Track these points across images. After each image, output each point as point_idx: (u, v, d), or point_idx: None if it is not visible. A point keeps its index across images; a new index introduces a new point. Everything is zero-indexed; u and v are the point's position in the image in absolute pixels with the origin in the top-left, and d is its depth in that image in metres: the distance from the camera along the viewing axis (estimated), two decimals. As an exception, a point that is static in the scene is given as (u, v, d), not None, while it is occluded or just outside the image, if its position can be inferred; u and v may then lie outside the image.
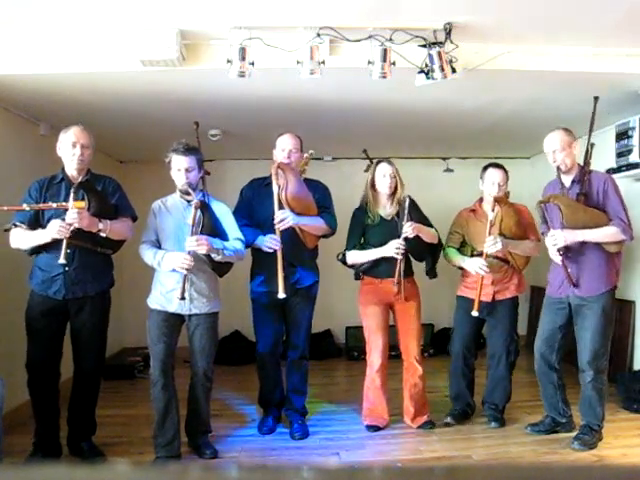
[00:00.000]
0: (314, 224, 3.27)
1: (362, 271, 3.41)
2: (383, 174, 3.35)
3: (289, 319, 3.37)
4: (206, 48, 2.95)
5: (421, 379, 3.39)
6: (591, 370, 3.01)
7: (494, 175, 3.40)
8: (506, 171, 3.45)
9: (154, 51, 2.78)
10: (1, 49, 2.94)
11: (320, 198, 3.35)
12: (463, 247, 3.52)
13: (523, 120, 4.27)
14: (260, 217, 3.27)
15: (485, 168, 3.47)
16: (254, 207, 3.32)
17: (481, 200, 3.53)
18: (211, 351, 3.04)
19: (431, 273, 3.44)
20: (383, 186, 3.36)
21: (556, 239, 2.98)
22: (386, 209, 3.41)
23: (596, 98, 3.35)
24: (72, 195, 2.71)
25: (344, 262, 3.45)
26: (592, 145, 3.20)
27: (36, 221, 2.82)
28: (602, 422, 3.06)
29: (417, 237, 3.25)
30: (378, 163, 3.42)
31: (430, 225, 3.41)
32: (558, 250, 2.99)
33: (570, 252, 3.03)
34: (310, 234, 3.29)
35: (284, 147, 3.27)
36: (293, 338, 3.39)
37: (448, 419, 3.48)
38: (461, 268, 3.49)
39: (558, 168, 3.08)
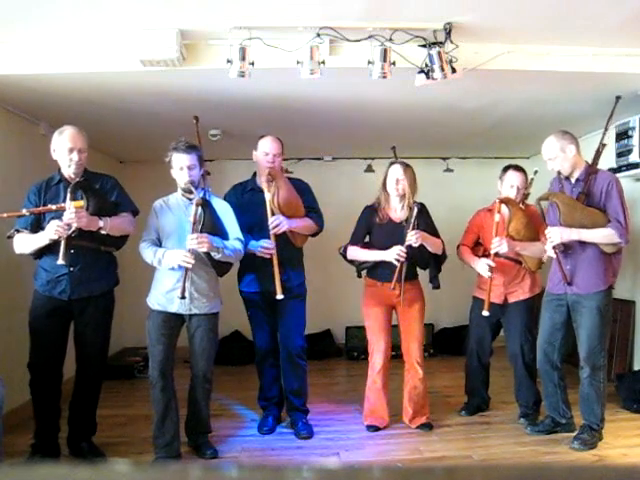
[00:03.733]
0: (305, 225, 3.32)
1: (362, 269, 3.41)
2: (392, 176, 3.33)
3: (280, 319, 3.36)
4: (206, 48, 2.95)
5: (422, 382, 3.39)
6: (587, 367, 3.03)
7: (513, 178, 3.40)
8: (526, 174, 3.44)
9: (154, 51, 2.78)
10: (1, 49, 2.94)
11: (307, 200, 3.38)
12: (477, 247, 3.55)
13: (523, 120, 4.27)
14: (249, 223, 3.25)
15: (505, 170, 3.47)
16: (240, 213, 3.28)
17: None
18: (211, 353, 3.04)
19: (434, 282, 3.40)
20: (391, 188, 3.33)
21: (552, 236, 2.99)
22: (397, 212, 3.38)
23: (618, 97, 3.38)
24: (69, 195, 2.70)
25: (344, 256, 3.44)
26: (603, 145, 3.24)
27: (38, 225, 2.81)
28: (602, 422, 3.06)
29: (421, 246, 3.21)
30: (391, 164, 3.39)
31: (437, 235, 3.37)
32: (554, 247, 3.01)
33: (567, 249, 3.04)
34: (300, 235, 3.34)
35: (267, 151, 3.27)
36: (285, 338, 3.37)
37: (462, 413, 3.63)
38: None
39: (559, 172, 3.10)
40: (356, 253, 3.38)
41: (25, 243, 2.80)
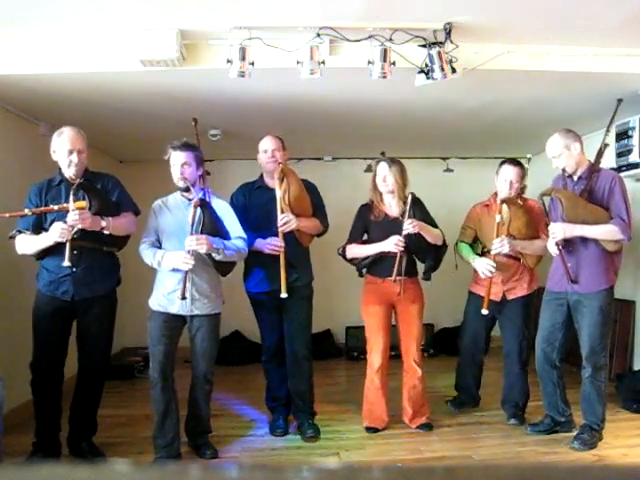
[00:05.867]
0: (312, 224, 3.32)
1: (363, 267, 3.40)
2: (379, 174, 3.35)
3: (287, 319, 3.35)
4: (206, 48, 2.95)
5: (420, 381, 3.39)
6: (589, 366, 3.03)
7: (507, 172, 3.38)
8: (523, 167, 3.44)
9: (154, 51, 2.78)
10: (1, 49, 2.94)
11: (315, 200, 3.38)
12: (475, 243, 3.53)
13: (523, 120, 4.27)
14: (256, 220, 3.26)
15: (501, 164, 3.46)
16: (248, 211, 3.30)
17: (496, 195, 3.50)
18: (212, 354, 3.04)
19: (426, 275, 3.40)
20: (380, 185, 3.35)
21: (555, 232, 2.99)
22: (391, 207, 3.39)
23: (620, 100, 3.40)
24: (72, 197, 2.70)
25: (344, 256, 3.45)
26: (606, 145, 3.26)
27: (39, 225, 2.81)
28: (602, 422, 3.06)
29: (419, 236, 3.22)
30: (378, 162, 3.41)
31: (435, 225, 3.39)
32: (556, 243, 3.01)
33: (569, 246, 3.04)
34: (307, 234, 3.34)
35: (265, 148, 3.29)
36: (292, 338, 3.37)
37: (448, 405, 3.67)
38: None
39: (563, 170, 3.10)
40: (355, 250, 3.39)
41: (28, 244, 2.80)
